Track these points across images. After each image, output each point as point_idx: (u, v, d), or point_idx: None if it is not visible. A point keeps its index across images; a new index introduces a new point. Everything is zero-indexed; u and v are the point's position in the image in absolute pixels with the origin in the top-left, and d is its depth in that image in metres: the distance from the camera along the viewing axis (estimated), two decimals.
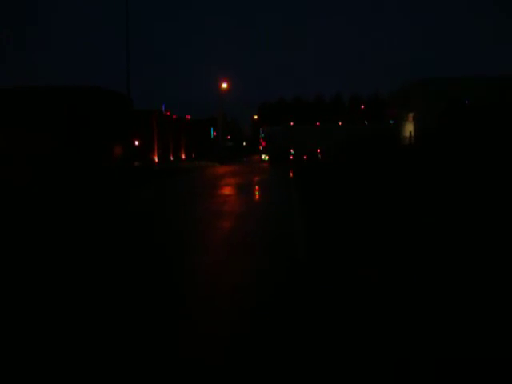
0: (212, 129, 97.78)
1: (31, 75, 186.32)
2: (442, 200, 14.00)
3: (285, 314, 5.40)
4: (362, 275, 6.49)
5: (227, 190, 22.61)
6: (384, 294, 5.81)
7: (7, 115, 46.63)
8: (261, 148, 78.61)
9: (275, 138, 72.00)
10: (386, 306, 5.44)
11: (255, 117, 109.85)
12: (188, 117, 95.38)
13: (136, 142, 59.52)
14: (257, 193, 22.25)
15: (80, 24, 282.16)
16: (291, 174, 33.60)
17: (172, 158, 77.63)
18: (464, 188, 16.44)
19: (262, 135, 79.22)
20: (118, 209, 16.40)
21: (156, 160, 67.47)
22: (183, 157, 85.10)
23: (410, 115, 55.02)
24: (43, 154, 43.44)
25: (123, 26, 42.21)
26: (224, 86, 72.72)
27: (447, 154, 30.61)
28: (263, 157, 71.51)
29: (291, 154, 68.10)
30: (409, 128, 55.60)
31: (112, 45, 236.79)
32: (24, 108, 46.21)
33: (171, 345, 4.68)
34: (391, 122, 61.84)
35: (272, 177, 32.39)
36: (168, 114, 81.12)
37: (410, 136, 53.82)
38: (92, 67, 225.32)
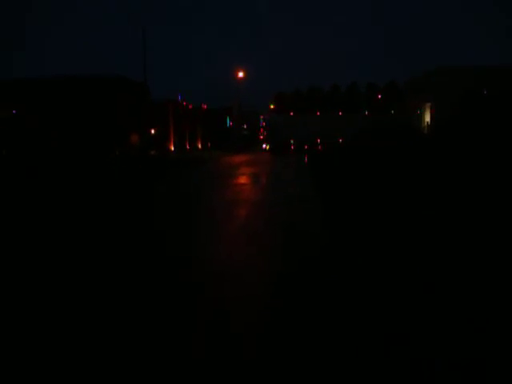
0: (228, 118, 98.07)
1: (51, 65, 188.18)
2: (457, 190, 14.02)
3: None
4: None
5: (243, 180, 22.79)
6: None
7: (35, 103, 47.48)
8: (261, 137, 77.49)
9: (276, 128, 71.50)
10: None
11: (271, 106, 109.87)
12: (204, 106, 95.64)
13: (152, 131, 60.00)
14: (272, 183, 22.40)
15: (96, 14, 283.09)
16: (307, 164, 33.67)
17: (188, 147, 78.10)
18: (481, 176, 16.41)
19: (263, 124, 78.97)
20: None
21: (172, 149, 67.88)
22: (199, 146, 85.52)
23: (427, 105, 54.54)
24: (61, 141, 44.20)
25: (139, 15, 42.37)
26: (240, 75, 72.57)
27: (464, 143, 30.39)
28: (264, 146, 70.03)
29: (292, 143, 67.41)
30: (426, 118, 55.17)
31: (129, 35, 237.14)
32: (48, 96, 46.97)
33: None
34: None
35: (288, 168, 32.45)
36: (184, 103, 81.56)
37: (428, 126, 53.44)
38: (108, 57, 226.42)
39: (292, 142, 67.36)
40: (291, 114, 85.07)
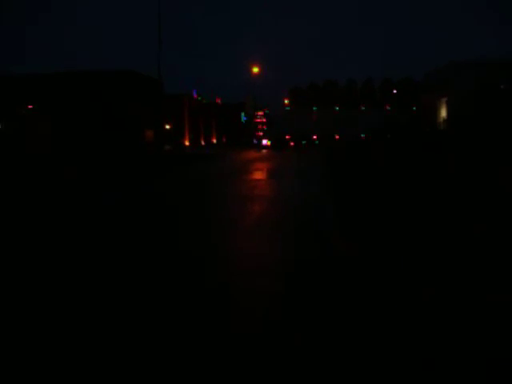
0: (243, 113, 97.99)
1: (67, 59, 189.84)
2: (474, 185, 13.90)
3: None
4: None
5: (259, 175, 22.82)
6: None
7: (49, 99, 48.01)
8: (260, 133, 76.78)
9: (276, 123, 71.35)
10: None
11: (286, 101, 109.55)
12: (218, 101, 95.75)
13: (167, 126, 60.30)
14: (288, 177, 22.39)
15: (111, 9, 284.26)
16: (321, 159, 33.61)
17: (203, 143, 78.33)
18: (497, 168, 16.23)
19: (262, 119, 78.61)
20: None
21: (187, 144, 68.14)
22: (214, 141, 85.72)
23: (443, 100, 53.98)
24: (75, 136, 44.65)
25: (155, 11, 42.47)
26: (255, 70, 72.48)
27: (480, 137, 30.04)
28: (264, 142, 69.13)
29: (290, 139, 67.23)
30: (442, 113, 54.62)
31: (144, 30, 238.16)
32: (63, 92, 47.45)
33: None
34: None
35: (303, 163, 32.36)
36: (199, 98, 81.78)
37: (444, 121, 52.90)
38: (123, 52, 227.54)
39: (289, 138, 67.02)
40: (309, 108, 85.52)
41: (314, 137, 68.76)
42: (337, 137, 69.27)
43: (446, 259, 6.88)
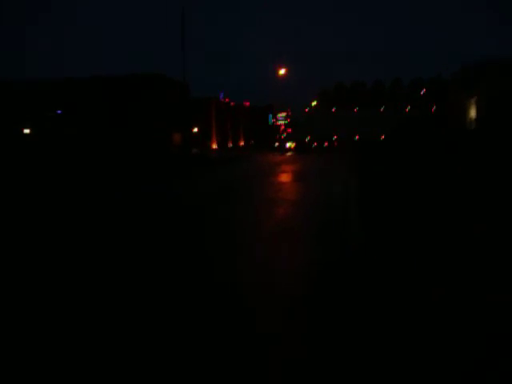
0: (270, 115, 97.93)
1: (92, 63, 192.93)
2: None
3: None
4: None
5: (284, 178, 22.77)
6: None
7: (78, 104, 49.23)
8: (283, 136, 76.77)
9: (301, 125, 71.16)
10: None
11: (314, 103, 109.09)
12: (247, 103, 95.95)
13: (195, 129, 60.80)
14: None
15: (138, 13, 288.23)
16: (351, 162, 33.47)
17: (231, 145, 78.64)
18: None
19: (285, 121, 78.37)
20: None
21: (214, 147, 68.57)
22: (241, 144, 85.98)
23: (473, 99, 52.98)
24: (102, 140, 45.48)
25: (179, 16, 42.90)
26: (282, 72, 72.24)
27: (508, 137, 29.36)
28: (288, 145, 69.08)
29: (313, 141, 67.06)
30: (471, 113, 53.63)
31: (168, 35, 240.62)
32: (91, 97, 48.54)
33: None
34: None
35: (331, 167, 32.25)
36: (226, 100, 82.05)
37: (473, 121, 51.93)
38: (149, 56, 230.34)
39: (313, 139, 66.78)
40: (332, 110, 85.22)
41: (334, 137, 68.79)
42: (357, 137, 69.10)
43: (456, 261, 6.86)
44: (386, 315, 4.95)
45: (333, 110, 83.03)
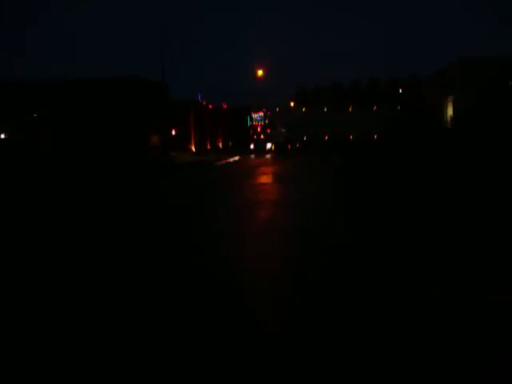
0: (248, 117, 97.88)
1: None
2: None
3: None
4: None
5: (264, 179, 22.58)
6: None
7: (53, 107, 48.36)
8: (262, 136, 77.11)
9: (281, 126, 71.64)
10: None
11: (292, 104, 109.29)
12: (224, 106, 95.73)
13: (173, 132, 60.19)
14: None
15: (115, 13, 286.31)
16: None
17: (209, 147, 78.22)
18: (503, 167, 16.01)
19: (263, 121, 78.78)
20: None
21: (193, 149, 68.01)
22: (220, 146, 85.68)
23: (450, 98, 53.57)
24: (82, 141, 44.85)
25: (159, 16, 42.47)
26: (260, 73, 72.22)
27: (487, 135, 29.68)
28: (268, 146, 69.24)
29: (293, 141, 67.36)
30: (449, 111, 54.23)
31: (147, 35, 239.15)
32: (63, 100, 47.75)
33: None
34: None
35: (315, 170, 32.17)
36: (204, 103, 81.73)
37: (450, 119, 52.49)
38: (126, 57, 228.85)
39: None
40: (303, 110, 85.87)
41: (304, 138, 69.23)
42: (326, 137, 69.86)
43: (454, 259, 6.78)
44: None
45: (302, 110, 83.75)
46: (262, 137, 75.99)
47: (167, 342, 4.41)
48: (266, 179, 22.78)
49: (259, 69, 71.81)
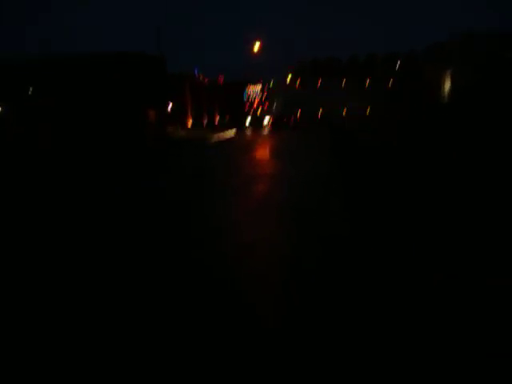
0: (245, 92, 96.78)
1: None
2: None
3: None
4: None
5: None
6: None
7: (55, 81, 47.55)
8: (259, 112, 75.05)
9: (278, 99, 70.53)
10: None
11: (289, 78, 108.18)
12: (221, 80, 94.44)
13: (169, 107, 59.61)
14: None
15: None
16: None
17: (206, 122, 77.47)
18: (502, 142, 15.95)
19: (257, 94, 77.44)
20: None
21: (189, 125, 67.43)
22: (216, 120, 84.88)
23: (448, 72, 53.04)
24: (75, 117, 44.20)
25: None
26: (256, 47, 71.15)
27: (486, 110, 29.54)
28: (265, 121, 67.28)
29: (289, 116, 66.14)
30: (447, 85, 53.75)
31: (147, 35, 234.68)
32: (60, 75, 46.92)
33: None
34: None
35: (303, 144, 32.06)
36: (201, 77, 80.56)
37: (448, 94, 52.10)
38: (122, 31, 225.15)
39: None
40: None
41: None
42: (321, 112, 68.79)
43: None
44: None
45: (296, 84, 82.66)
46: (258, 112, 74.94)
47: (166, 335, 4.42)
48: (262, 154, 22.73)
49: (256, 43, 70.65)
